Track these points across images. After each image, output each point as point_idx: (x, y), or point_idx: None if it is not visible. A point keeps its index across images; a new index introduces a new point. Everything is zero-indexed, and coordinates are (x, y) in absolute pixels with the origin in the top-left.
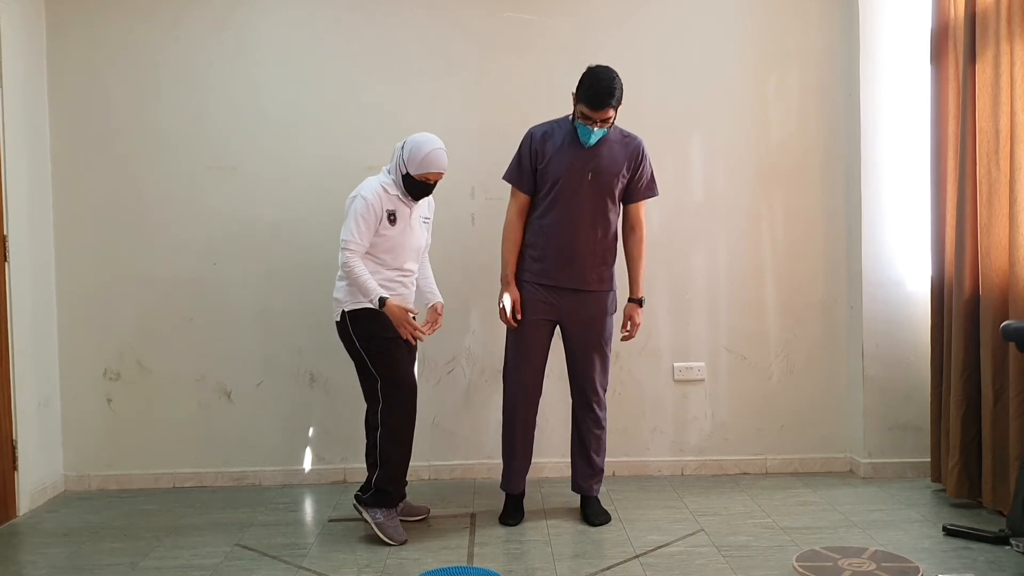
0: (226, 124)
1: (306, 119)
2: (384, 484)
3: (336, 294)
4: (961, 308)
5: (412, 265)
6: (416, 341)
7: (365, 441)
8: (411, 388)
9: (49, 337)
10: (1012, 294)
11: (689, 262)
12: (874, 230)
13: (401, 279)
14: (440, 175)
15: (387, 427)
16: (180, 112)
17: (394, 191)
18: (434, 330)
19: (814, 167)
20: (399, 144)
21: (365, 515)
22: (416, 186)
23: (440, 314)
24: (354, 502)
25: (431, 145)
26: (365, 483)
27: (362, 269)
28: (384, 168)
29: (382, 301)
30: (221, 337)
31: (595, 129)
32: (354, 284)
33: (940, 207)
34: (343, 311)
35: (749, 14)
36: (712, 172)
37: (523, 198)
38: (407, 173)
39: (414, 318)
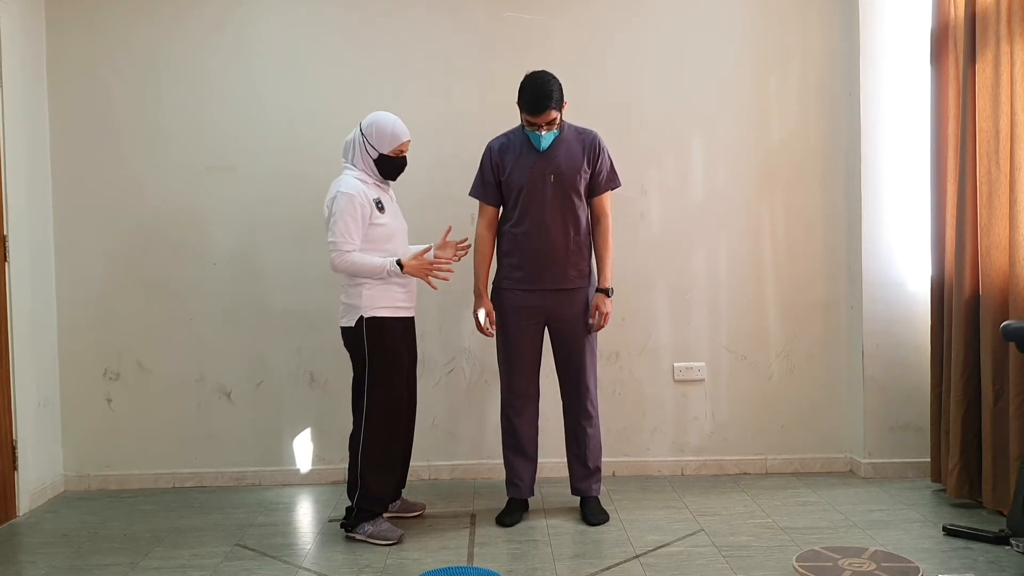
0: (226, 124)
1: (306, 119)
2: (364, 504)
3: (349, 300)
4: (961, 308)
5: (405, 250)
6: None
7: (347, 460)
8: (405, 416)
9: (49, 337)
10: (1012, 294)
11: (689, 262)
12: (874, 230)
13: None
14: (408, 143)
15: (368, 449)
16: (180, 112)
17: (371, 179)
18: (458, 247)
19: (814, 167)
20: (353, 136)
21: (356, 535)
22: (392, 164)
23: (447, 238)
24: (343, 532)
25: (389, 117)
26: (347, 509)
27: (359, 256)
28: (345, 165)
29: (400, 264)
30: (221, 337)
31: (543, 133)
32: (362, 273)
33: (940, 207)
34: (361, 316)
35: (749, 14)
36: (712, 172)
37: (491, 211)
38: (380, 155)
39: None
